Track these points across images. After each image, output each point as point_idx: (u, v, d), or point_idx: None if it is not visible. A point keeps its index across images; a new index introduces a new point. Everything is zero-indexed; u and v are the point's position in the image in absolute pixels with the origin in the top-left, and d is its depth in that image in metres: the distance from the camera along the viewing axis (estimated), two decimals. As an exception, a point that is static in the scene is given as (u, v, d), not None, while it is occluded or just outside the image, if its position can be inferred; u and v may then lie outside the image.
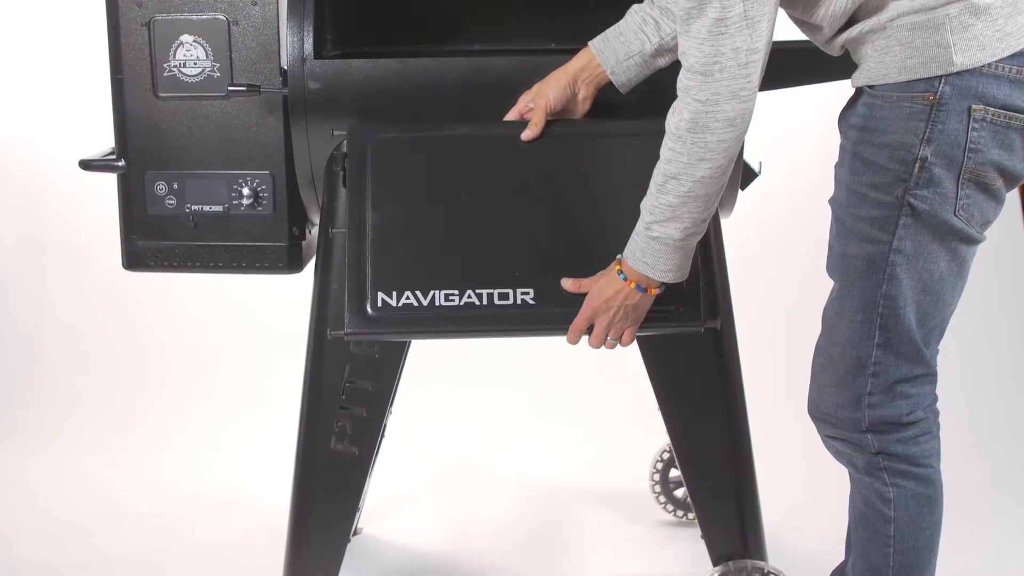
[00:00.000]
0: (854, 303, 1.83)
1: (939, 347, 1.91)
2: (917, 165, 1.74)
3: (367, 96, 2.09)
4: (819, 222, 2.06)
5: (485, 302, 1.96)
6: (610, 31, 2.03)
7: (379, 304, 1.95)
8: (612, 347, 1.96)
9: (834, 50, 1.88)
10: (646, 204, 1.83)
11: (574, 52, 2.19)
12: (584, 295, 1.93)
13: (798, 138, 3.63)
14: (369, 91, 2.09)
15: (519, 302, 1.96)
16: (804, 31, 1.89)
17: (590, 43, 2.03)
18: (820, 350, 1.92)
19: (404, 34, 2.33)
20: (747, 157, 2.24)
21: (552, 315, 1.96)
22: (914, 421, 1.87)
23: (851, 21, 1.78)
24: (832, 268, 1.88)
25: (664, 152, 1.78)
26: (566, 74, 2.03)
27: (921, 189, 1.75)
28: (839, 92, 2.09)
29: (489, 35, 2.32)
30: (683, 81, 1.73)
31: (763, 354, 2.90)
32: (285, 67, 2.10)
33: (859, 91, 1.84)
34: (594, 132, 2.05)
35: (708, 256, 2.08)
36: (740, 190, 2.24)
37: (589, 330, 1.95)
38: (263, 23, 2.11)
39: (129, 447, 3.45)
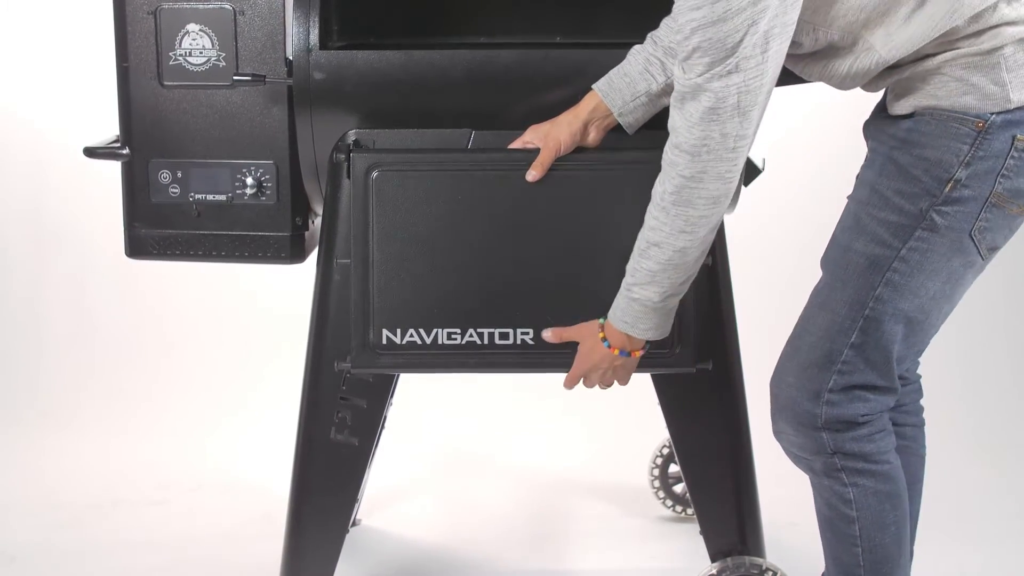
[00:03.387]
0: (843, 297, 1.83)
1: (933, 352, 1.91)
2: (949, 185, 1.75)
3: (372, 87, 2.09)
4: (821, 218, 2.06)
5: (486, 341, 2.04)
6: (613, 73, 2.02)
7: (384, 342, 2.02)
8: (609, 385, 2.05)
9: (874, 90, 1.89)
10: (629, 266, 1.88)
11: (579, 46, 2.19)
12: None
13: (801, 134, 3.63)
14: (374, 82, 2.09)
15: (518, 342, 2.04)
16: (825, 82, 1.90)
17: (595, 86, 2.03)
18: (792, 337, 1.93)
19: (410, 26, 2.33)
20: (751, 153, 2.23)
21: (549, 357, 2.04)
22: (868, 421, 1.87)
23: (894, 66, 1.79)
24: (830, 260, 1.88)
25: (648, 219, 1.82)
26: (578, 118, 2.02)
27: (946, 206, 1.76)
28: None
29: (495, 28, 2.33)
30: (669, 156, 1.75)
31: (763, 350, 2.89)
32: (290, 57, 2.10)
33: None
34: (597, 167, 2.04)
35: (715, 292, 2.12)
36: (744, 186, 2.23)
37: None
38: (269, 13, 2.11)
39: (128, 433, 3.46)
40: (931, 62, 1.75)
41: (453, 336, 2.04)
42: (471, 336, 2.04)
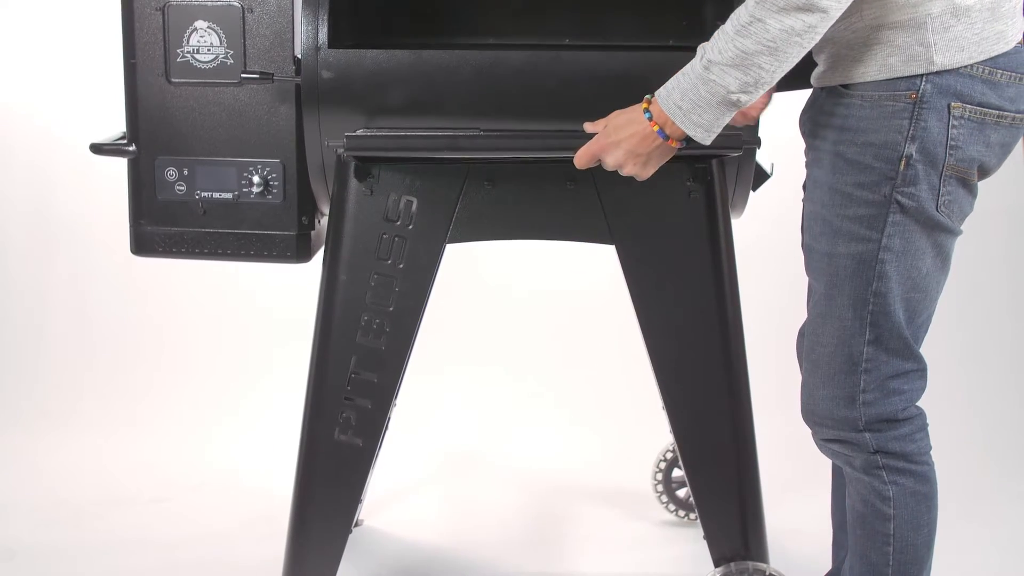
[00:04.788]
0: (843, 302, 1.83)
1: (935, 345, 1.90)
2: (903, 163, 1.75)
3: (380, 87, 2.09)
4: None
5: (496, 135, 1.96)
6: None
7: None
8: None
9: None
10: (714, 44, 1.71)
11: (588, 48, 2.18)
12: None
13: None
14: (382, 82, 2.08)
15: (534, 129, 1.94)
16: None
17: None
18: (807, 353, 1.92)
19: (419, 26, 2.33)
20: (759, 159, 2.23)
21: (570, 141, 1.88)
22: (909, 417, 1.87)
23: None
24: (817, 270, 1.88)
25: None
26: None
27: (908, 186, 1.76)
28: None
29: (503, 30, 2.32)
30: None
31: (769, 355, 2.89)
32: (299, 56, 2.09)
33: (828, 90, 1.84)
34: None
35: (721, 296, 2.10)
36: (752, 191, 2.23)
37: None
38: (278, 11, 2.10)
39: (128, 431, 3.46)
40: (859, 19, 1.75)
41: (459, 128, 2.00)
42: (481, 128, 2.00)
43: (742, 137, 1.89)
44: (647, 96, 1.80)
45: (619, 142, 1.82)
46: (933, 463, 1.92)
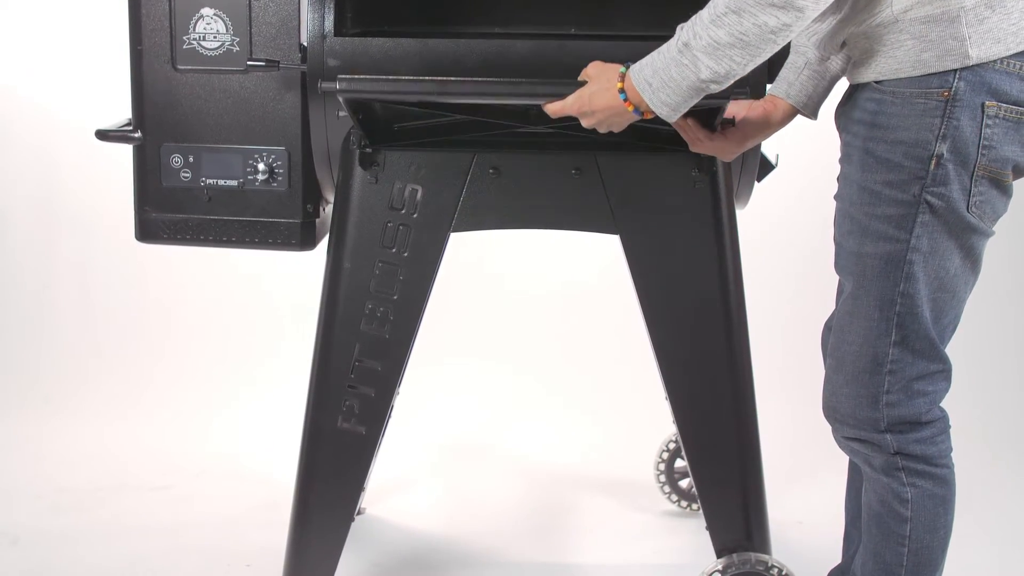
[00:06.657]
0: (870, 301, 1.82)
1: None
2: (933, 162, 1.73)
3: (386, 75, 2.08)
4: (832, 217, 2.05)
5: (483, 81, 1.99)
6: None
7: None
8: None
9: (832, 48, 1.88)
10: (691, 29, 1.72)
11: (594, 38, 2.18)
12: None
13: (815, 132, 3.61)
14: (388, 70, 2.08)
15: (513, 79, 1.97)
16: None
17: (768, 88, 2.03)
18: (832, 350, 1.91)
19: (425, 15, 2.33)
20: (764, 149, 2.23)
21: (556, 88, 1.90)
22: (932, 420, 1.86)
23: (854, 14, 1.78)
24: (844, 267, 1.87)
25: None
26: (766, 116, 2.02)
27: (938, 186, 1.74)
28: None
29: (509, 19, 2.32)
30: None
31: (773, 347, 2.90)
32: (304, 43, 2.09)
33: (861, 86, 1.83)
34: None
35: (724, 283, 2.09)
36: (756, 182, 2.23)
37: None
38: (284, -1, 2.11)
39: (133, 418, 3.46)
40: (890, 14, 1.73)
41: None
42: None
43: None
44: (621, 70, 1.81)
45: (594, 112, 1.85)
46: (953, 465, 1.91)
